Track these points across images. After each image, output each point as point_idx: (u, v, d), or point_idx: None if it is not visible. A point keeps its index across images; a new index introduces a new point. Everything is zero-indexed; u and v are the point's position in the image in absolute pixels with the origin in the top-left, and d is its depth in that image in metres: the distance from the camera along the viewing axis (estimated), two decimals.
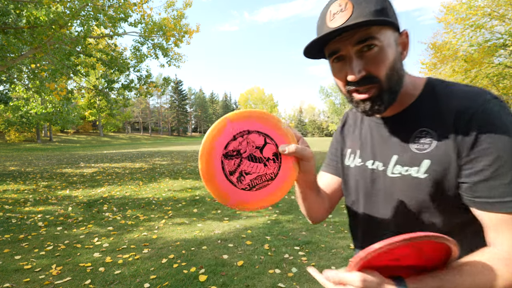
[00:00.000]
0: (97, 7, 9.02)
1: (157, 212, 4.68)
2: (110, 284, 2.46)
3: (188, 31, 13.00)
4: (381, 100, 0.65)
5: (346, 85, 0.67)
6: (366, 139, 0.80)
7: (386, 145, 0.73)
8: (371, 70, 0.63)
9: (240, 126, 0.59)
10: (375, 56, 0.62)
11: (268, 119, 0.61)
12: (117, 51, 12.67)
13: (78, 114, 30.55)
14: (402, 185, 0.68)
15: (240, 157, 0.59)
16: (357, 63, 0.63)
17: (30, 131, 34.47)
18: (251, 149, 0.60)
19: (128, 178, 8.13)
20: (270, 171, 0.61)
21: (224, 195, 0.60)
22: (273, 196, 0.62)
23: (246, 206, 0.61)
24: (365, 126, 0.82)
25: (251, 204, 0.61)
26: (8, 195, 6.00)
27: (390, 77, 0.64)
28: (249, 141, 0.60)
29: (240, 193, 0.60)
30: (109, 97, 13.69)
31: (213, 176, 0.59)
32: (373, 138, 0.77)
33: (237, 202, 0.60)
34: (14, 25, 8.27)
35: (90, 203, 5.34)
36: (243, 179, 0.60)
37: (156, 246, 3.26)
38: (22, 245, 3.34)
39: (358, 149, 0.81)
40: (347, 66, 0.65)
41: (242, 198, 0.60)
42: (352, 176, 0.82)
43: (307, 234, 3.56)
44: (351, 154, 0.84)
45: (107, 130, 52.55)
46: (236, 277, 2.54)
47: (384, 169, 0.72)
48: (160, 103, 71.11)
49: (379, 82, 0.64)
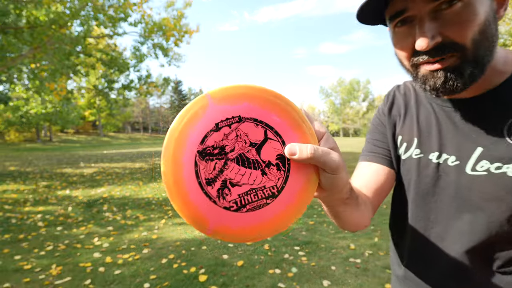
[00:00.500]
0: (97, 7, 9.02)
1: (157, 212, 4.68)
2: (110, 284, 2.46)
3: (188, 31, 13.02)
4: (461, 73, 0.49)
5: (411, 56, 0.52)
6: (428, 126, 0.63)
7: (463, 135, 0.57)
8: (450, 35, 0.47)
9: (227, 109, 0.38)
10: (458, 15, 0.46)
11: (273, 100, 0.38)
12: (117, 51, 12.67)
13: (78, 114, 30.53)
14: (490, 185, 0.53)
15: (225, 158, 0.38)
16: (431, 25, 0.47)
17: (30, 131, 34.47)
18: (242, 147, 0.38)
19: (128, 178, 8.13)
20: (271, 184, 0.38)
21: (200, 216, 0.37)
22: (276, 223, 0.38)
23: (231, 235, 0.38)
24: (423, 109, 0.65)
25: (238, 233, 0.38)
26: (8, 195, 6.00)
27: (478, 43, 0.48)
28: (240, 134, 0.38)
29: (222, 213, 0.37)
30: (109, 97, 13.70)
31: (180, 185, 0.37)
32: (440, 125, 0.61)
33: (218, 227, 0.37)
34: (14, 25, 8.27)
35: (90, 203, 5.34)
36: (227, 193, 0.38)
37: (156, 246, 3.26)
38: (22, 245, 3.34)
39: (414, 138, 0.65)
40: (415, 31, 0.49)
41: (225, 221, 0.37)
42: (403, 171, 0.66)
43: (307, 234, 3.56)
44: (402, 142, 0.67)
45: (107, 130, 52.53)
46: (236, 277, 2.54)
47: (459, 164, 0.56)
48: (160, 103, 71.14)
49: (462, 50, 0.47)
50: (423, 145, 0.63)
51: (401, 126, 0.68)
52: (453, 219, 0.58)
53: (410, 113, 0.67)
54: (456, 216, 0.57)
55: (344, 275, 2.52)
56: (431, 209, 0.61)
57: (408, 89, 0.71)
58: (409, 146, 0.65)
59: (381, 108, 0.74)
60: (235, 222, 0.37)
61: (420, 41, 0.47)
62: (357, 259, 2.81)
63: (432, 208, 0.61)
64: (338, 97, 71.79)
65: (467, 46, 0.47)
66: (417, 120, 0.65)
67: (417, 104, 0.67)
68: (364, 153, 0.73)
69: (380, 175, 0.68)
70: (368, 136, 0.75)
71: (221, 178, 0.38)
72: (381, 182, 0.68)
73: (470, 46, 0.47)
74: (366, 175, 0.69)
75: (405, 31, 0.51)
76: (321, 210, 4.51)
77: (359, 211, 0.58)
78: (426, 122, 0.64)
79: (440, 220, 0.60)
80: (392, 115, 0.71)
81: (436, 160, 0.60)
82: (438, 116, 0.62)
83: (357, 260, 2.78)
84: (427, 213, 0.62)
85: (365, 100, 71.04)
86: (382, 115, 0.73)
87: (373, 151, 0.72)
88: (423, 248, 0.63)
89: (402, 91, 0.71)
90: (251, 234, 0.38)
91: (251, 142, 0.38)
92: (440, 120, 0.61)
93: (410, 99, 0.68)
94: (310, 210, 4.58)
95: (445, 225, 0.59)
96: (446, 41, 0.47)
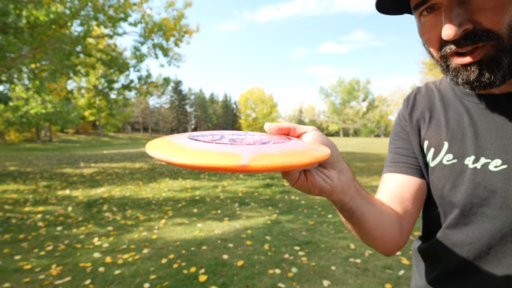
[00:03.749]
0: (97, 7, 9.02)
1: (157, 212, 4.68)
2: (110, 284, 2.46)
3: (188, 31, 13.02)
4: (498, 64, 0.43)
5: (439, 47, 0.47)
6: (460, 127, 0.55)
7: (508, 134, 0.49)
8: (482, 21, 0.42)
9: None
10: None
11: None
12: (117, 51, 12.68)
13: (78, 114, 30.59)
14: None
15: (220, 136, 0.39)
16: (459, 11, 0.42)
17: (30, 131, 34.48)
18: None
19: (128, 178, 8.13)
20: (277, 137, 0.39)
21: (230, 155, 0.31)
22: (295, 154, 0.34)
23: (268, 161, 0.31)
24: (452, 109, 0.57)
25: (272, 156, 0.32)
26: (8, 195, 6.00)
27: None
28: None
29: (248, 148, 0.33)
30: (109, 97, 13.70)
31: (193, 148, 0.33)
32: (475, 125, 0.53)
33: (253, 156, 0.31)
34: (14, 25, 8.27)
35: (90, 203, 5.34)
36: (241, 141, 0.36)
37: (156, 246, 3.26)
38: (22, 245, 3.34)
39: (444, 141, 0.56)
40: (443, 18, 0.44)
41: (255, 151, 0.33)
42: (433, 180, 0.58)
43: (307, 234, 3.56)
44: (429, 148, 0.59)
45: (107, 130, 52.52)
46: (236, 277, 2.54)
47: (507, 169, 0.48)
48: (160, 103, 71.14)
49: (497, 38, 0.42)
50: (455, 149, 0.54)
51: (426, 129, 0.60)
52: (500, 240, 0.48)
53: (436, 115, 0.59)
54: (506, 235, 0.48)
55: (344, 275, 2.52)
56: (475, 224, 0.52)
57: (431, 90, 0.64)
58: (438, 151, 0.57)
59: (401, 113, 0.67)
60: (263, 149, 0.34)
61: (446, 29, 0.42)
62: (357, 259, 2.81)
63: (476, 223, 0.51)
64: (338, 97, 71.73)
65: (502, 33, 0.41)
66: (446, 122, 0.57)
67: (444, 104, 0.59)
68: (387, 164, 0.65)
69: (405, 186, 0.59)
70: (390, 146, 0.67)
71: (227, 136, 0.38)
72: (407, 195, 0.59)
73: (507, 33, 0.41)
74: (389, 188, 0.61)
75: (432, 19, 0.46)
76: (321, 210, 4.51)
77: (384, 222, 0.52)
78: (458, 123, 0.55)
79: (489, 236, 0.50)
80: (414, 119, 0.62)
81: (473, 165, 0.51)
82: (472, 115, 0.54)
83: (357, 260, 2.78)
84: (470, 229, 0.52)
85: (365, 100, 71.00)
86: (403, 121, 0.65)
87: (396, 161, 0.63)
88: (470, 271, 0.53)
89: (424, 93, 0.64)
90: (283, 158, 0.32)
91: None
92: (475, 120, 0.53)
93: (435, 100, 0.61)
94: (310, 210, 4.58)
95: (496, 241, 0.49)
96: (478, 28, 0.42)
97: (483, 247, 0.50)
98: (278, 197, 5.53)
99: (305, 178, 0.40)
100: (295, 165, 0.32)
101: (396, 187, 0.60)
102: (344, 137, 66.31)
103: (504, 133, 0.49)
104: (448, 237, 0.55)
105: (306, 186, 0.41)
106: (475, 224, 0.51)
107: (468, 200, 0.51)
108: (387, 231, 0.53)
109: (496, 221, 0.49)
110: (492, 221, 0.49)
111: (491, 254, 0.50)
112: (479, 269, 0.51)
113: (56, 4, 8.54)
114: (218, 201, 5.36)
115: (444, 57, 0.47)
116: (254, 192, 6.02)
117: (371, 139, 44.22)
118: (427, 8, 0.45)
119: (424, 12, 0.46)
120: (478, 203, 0.51)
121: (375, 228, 0.51)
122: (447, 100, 0.59)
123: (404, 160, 0.62)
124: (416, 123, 0.62)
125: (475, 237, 0.51)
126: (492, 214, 0.49)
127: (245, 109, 71.67)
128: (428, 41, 0.48)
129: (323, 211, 4.46)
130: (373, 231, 0.51)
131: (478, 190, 0.50)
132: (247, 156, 0.31)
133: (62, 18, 7.95)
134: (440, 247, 0.57)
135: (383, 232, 0.53)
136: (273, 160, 0.31)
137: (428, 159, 0.59)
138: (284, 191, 6.09)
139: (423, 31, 0.48)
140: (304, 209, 4.65)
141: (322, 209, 4.60)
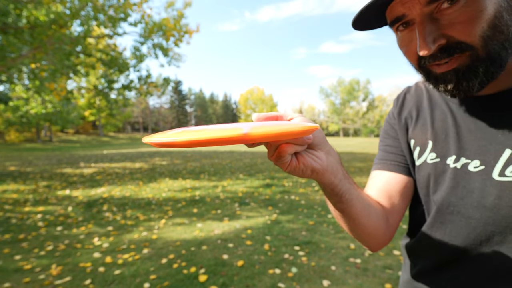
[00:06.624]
0: (97, 7, 9.03)
1: (157, 212, 4.68)
2: (110, 284, 2.46)
3: (188, 31, 13.03)
4: (474, 72, 0.44)
5: (418, 60, 0.49)
6: (444, 127, 0.57)
7: (488, 136, 0.50)
8: (455, 35, 0.43)
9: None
10: (461, 12, 0.41)
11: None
12: (117, 51, 12.68)
13: (78, 114, 30.56)
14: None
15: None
16: (431, 28, 0.43)
17: (30, 131, 34.48)
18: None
19: (128, 178, 8.13)
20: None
21: (231, 128, 0.34)
22: (290, 125, 0.36)
23: (265, 131, 0.34)
24: (438, 110, 0.59)
25: (269, 128, 0.35)
26: (8, 195, 6.00)
27: (489, 39, 0.42)
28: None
29: (247, 123, 0.37)
30: (109, 97, 13.71)
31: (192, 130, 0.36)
32: (458, 126, 0.54)
33: (252, 128, 0.34)
34: (14, 25, 8.28)
35: (90, 203, 5.34)
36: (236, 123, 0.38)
37: (156, 246, 3.26)
38: (22, 245, 3.34)
39: (429, 140, 0.58)
40: (417, 35, 0.45)
41: (253, 124, 0.36)
42: (418, 178, 0.60)
43: (307, 234, 3.56)
44: (415, 146, 0.61)
45: (107, 130, 52.51)
46: (236, 277, 2.54)
47: (484, 170, 0.49)
48: (160, 103, 71.13)
49: (471, 49, 0.43)
50: (438, 148, 0.56)
51: (413, 128, 0.62)
52: (478, 231, 0.49)
53: (423, 114, 0.61)
54: (485, 227, 0.49)
55: (344, 275, 2.52)
56: (452, 222, 0.53)
57: (420, 90, 0.65)
58: (423, 150, 0.59)
59: (391, 112, 0.69)
60: (264, 123, 0.36)
61: (421, 48, 0.44)
62: (357, 259, 2.81)
63: (453, 221, 0.53)
64: (338, 97, 71.73)
65: (476, 44, 0.42)
66: (431, 121, 0.59)
67: (430, 104, 0.60)
68: (376, 162, 0.67)
69: (392, 184, 0.61)
70: (380, 144, 0.69)
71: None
72: (394, 191, 0.61)
73: (480, 43, 0.42)
74: (377, 185, 0.63)
75: (407, 34, 0.47)
76: (321, 210, 4.51)
77: (371, 212, 0.54)
78: (442, 123, 0.57)
79: (464, 234, 0.51)
80: (403, 118, 0.64)
81: (453, 165, 0.53)
82: (455, 116, 0.55)
83: (357, 260, 2.78)
84: (446, 227, 0.54)
85: (365, 100, 71.00)
86: (393, 119, 0.67)
87: (384, 158, 0.65)
88: (448, 265, 0.54)
89: (413, 92, 0.65)
90: (278, 128, 0.35)
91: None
92: (459, 121, 0.54)
93: (423, 99, 0.62)
94: (310, 210, 4.58)
95: (472, 239, 0.50)
96: (451, 42, 0.43)
97: (459, 246, 0.52)
98: (278, 197, 5.53)
99: (296, 160, 0.42)
100: (293, 131, 0.35)
101: (383, 183, 0.62)
102: (344, 137, 66.32)
103: (484, 135, 0.51)
104: (428, 235, 0.57)
105: (298, 168, 0.42)
106: (451, 223, 0.53)
107: (446, 199, 0.53)
108: (374, 222, 0.55)
109: (471, 220, 0.50)
110: (468, 220, 0.51)
111: (466, 252, 0.51)
112: (455, 267, 0.53)
113: (56, 4, 8.54)
114: (218, 201, 5.36)
115: (423, 68, 0.49)
116: (254, 192, 6.02)
117: (371, 139, 44.20)
118: (403, 24, 0.47)
119: (400, 27, 0.48)
120: (455, 202, 0.52)
121: (362, 216, 0.52)
122: (434, 101, 0.61)
123: (392, 158, 0.64)
124: (405, 122, 0.64)
125: (452, 235, 0.53)
126: (468, 214, 0.51)
127: (245, 109, 71.66)
128: (407, 54, 0.50)
129: (323, 211, 4.46)
130: (360, 218, 0.52)
131: (457, 190, 0.52)
132: (247, 127, 0.34)
133: (62, 18, 7.96)
134: (421, 245, 0.59)
135: (369, 221, 0.54)
136: (273, 128, 0.34)
137: (414, 157, 0.61)
138: (284, 191, 6.09)
139: (401, 44, 0.50)
140: (304, 209, 4.65)
141: (322, 209, 4.60)
